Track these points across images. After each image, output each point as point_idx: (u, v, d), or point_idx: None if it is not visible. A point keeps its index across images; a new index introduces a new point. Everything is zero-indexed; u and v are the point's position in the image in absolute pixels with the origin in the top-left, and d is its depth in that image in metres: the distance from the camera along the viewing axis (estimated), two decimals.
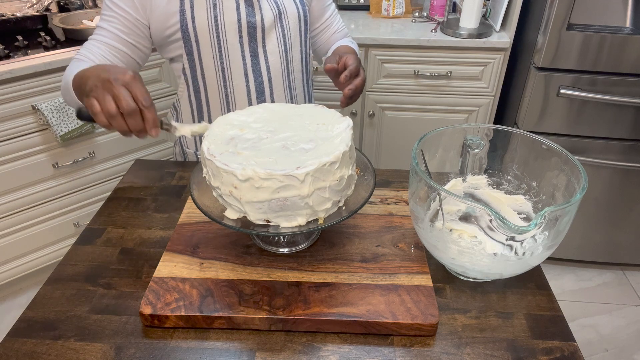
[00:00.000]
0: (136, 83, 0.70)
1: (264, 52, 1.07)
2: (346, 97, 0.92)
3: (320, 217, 0.73)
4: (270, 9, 1.04)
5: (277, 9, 1.05)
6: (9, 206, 1.71)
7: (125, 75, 0.70)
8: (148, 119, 0.71)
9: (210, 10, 1.00)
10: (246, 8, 1.02)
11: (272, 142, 0.75)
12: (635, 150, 1.76)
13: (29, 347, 0.68)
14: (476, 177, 0.88)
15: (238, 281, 0.75)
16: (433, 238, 0.74)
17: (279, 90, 1.12)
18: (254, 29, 1.04)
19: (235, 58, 1.05)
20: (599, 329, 1.83)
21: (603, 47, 1.59)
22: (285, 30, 1.08)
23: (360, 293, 0.73)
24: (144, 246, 0.86)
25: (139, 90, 0.70)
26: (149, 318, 0.70)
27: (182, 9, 0.99)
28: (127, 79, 0.70)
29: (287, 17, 1.07)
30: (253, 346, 0.68)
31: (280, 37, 1.07)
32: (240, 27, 1.03)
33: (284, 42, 1.08)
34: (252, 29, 1.04)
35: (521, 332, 0.71)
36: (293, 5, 1.08)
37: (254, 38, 1.05)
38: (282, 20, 1.07)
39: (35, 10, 1.98)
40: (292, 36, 1.09)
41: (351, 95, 0.93)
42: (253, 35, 1.05)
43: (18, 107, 1.58)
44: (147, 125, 0.72)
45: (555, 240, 0.70)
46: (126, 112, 0.69)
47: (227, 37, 1.02)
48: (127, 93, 0.69)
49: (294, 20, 1.08)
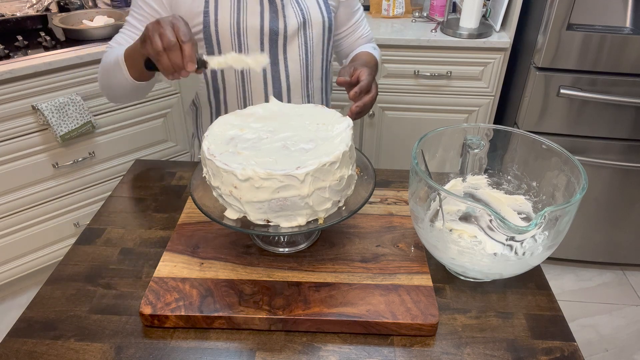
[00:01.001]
0: (179, 21, 0.76)
1: (285, 59, 1.06)
2: (353, 113, 0.91)
3: (320, 217, 0.73)
4: (295, 16, 1.03)
5: (302, 17, 1.04)
6: (9, 206, 1.71)
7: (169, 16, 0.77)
8: (185, 53, 0.75)
9: (234, 13, 1.00)
10: (270, 14, 1.01)
11: (272, 142, 0.75)
12: (635, 150, 1.76)
13: (29, 347, 0.68)
14: (476, 177, 0.88)
15: (238, 281, 0.75)
16: (433, 238, 0.74)
17: (296, 98, 1.11)
18: (276, 35, 1.03)
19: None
20: (599, 329, 1.83)
21: (603, 47, 1.59)
22: (308, 39, 1.07)
23: (360, 293, 0.73)
24: (144, 246, 0.86)
25: (181, 27, 0.75)
26: (149, 318, 0.70)
27: (206, 10, 1.00)
28: (171, 18, 0.77)
29: (312, 26, 1.06)
30: (253, 346, 0.68)
31: (302, 45, 1.07)
32: (262, 32, 1.02)
33: (305, 50, 1.07)
34: (273, 36, 1.03)
35: (521, 332, 0.71)
36: (318, 13, 1.07)
37: (275, 44, 1.04)
38: (305, 29, 1.06)
39: (35, 10, 1.98)
40: (314, 45, 1.08)
41: (358, 112, 0.92)
42: (274, 42, 1.04)
43: (18, 107, 1.58)
44: (184, 60, 0.76)
45: (555, 240, 0.70)
46: (167, 47, 0.75)
47: (248, 41, 1.02)
48: (171, 30, 0.75)
49: (318, 29, 1.07)
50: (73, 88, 1.67)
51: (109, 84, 1.00)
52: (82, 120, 1.68)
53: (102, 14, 1.93)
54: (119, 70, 0.93)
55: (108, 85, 1.00)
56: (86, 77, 1.68)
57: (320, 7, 1.07)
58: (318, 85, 1.14)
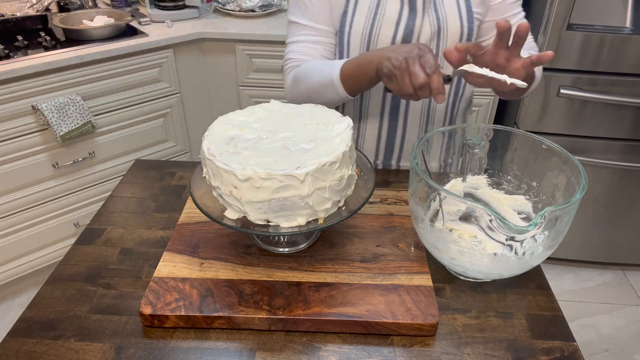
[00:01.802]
0: (424, 52, 0.76)
1: None
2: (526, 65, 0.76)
3: (320, 217, 0.73)
4: (429, 25, 0.96)
5: (438, 25, 0.97)
6: (9, 206, 1.71)
7: (419, 50, 0.77)
8: (433, 87, 0.76)
9: (369, 19, 0.97)
10: (406, 22, 0.96)
11: (272, 142, 0.75)
12: (635, 150, 1.76)
13: (29, 347, 0.68)
14: (476, 177, 0.88)
15: (238, 281, 0.75)
16: (433, 238, 0.74)
17: (414, 111, 1.05)
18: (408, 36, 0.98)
19: None
20: (599, 329, 1.83)
21: (603, 47, 1.59)
22: (440, 50, 0.99)
23: (360, 293, 0.73)
24: (144, 246, 0.86)
25: (427, 59, 0.76)
26: (149, 318, 0.70)
27: (345, 10, 0.97)
28: (416, 51, 0.77)
29: (447, 35, 0.98)
30: (253, 346, 0.68)
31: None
32: (393, 42, 0.97)
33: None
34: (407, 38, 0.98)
35: (521, 332, 0.71)
36: (457, 22, 0.98)
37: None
38: (439, 39, 0.98)
39: (35, 10, 1.98)
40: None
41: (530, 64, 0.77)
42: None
43: (18, 107, 1.58)
44: (432, 93, 0.77)
45: (555, 240, 0.70)
46: (417, 87, 0.76)
47: (377, 47, 0.99)
48: (420, 68, 0.75)
49: (453, 39, 0.99)
50: (73, 88, 1.67)
51: (313, 98, 0.97)
52: (82, 120, 1.68)
53: (102, 14, 1.93)
54: (331, 89, 0.93)
55: (312, 99, 0.97)
56: (86, 77, 1.68)
57: (460, 16, 0.98)
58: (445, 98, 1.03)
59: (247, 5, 2.06)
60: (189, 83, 1.99)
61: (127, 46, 1.72)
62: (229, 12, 2.07)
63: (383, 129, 1.09)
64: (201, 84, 2.03)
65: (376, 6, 0.97)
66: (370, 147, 1.12)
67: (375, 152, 1.12)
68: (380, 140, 1.11)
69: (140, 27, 1.90)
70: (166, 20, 1.95)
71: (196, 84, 2.02)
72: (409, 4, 0.96)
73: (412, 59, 0.76)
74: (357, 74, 0.88)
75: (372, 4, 0.97)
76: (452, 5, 0.97)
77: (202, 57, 1.97)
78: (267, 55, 1.93)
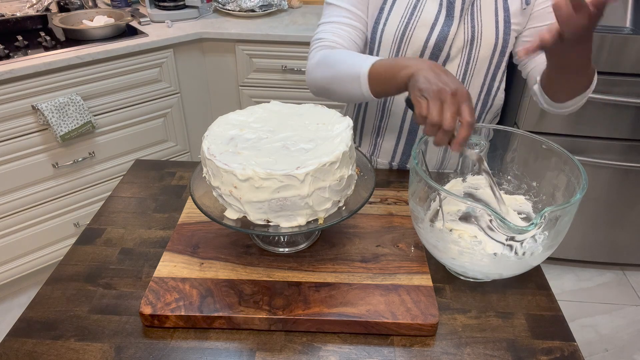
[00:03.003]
0: (468, 102, 0.69)
1: None
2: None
3: (320, 217, 0.73)
4: (464, 32, 0.94)
5: (472, 34, 0.94)
6: (9, 206, 1.71)
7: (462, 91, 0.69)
8: (459, 136, 0.70)
9: (404, 19, 0.95)
10: (442, 28, 0.93)
11: (272, 142, 0.75)
12: (635, 150, 1.76)
13: (29, 347, 0.68)
14: (476, 177, 0.88)
15: (238, 281, 0.75)
16: (433, 238, 0.74)
17: None
18: (439, 51, 0.96)
19: None
20: (599, 329, 1.83)
21: (603, 47, 1.59)
22: (471, 59, 0.96)
23: (360, 293, 0.73)
24: (144, 246, 0.86)
25: (467, 110, 0.69)
26: (149, 318, 0.70)
27: (382, 6, 0.96)
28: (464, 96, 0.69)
29: (480, 45, 0.95)
30: (253, 346, 0.68)
31: (462, 64, 0.97)
32: (425, 46, 0.95)
33: (464, 70, 0.97)
34: (436, 51, 0.96)
35: (521, 332, 0.71)
36: (493, 32, 0.94)
37: (434, 59, 0.96)
38: (472, 47, 0.95)
39: (35, 10, 1.98)
40: (476, 66, 0.97)
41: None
42: (434, 57, 0.96)
43: (18, 107, 1.58)
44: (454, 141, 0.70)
45: (555, 240, 0.70)
46: (445, 128, 0.69)
47: (406, 51, 0.97)
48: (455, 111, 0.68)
49: (486, 49, 0.96)
50: (73, 88, 1.67)
51: (331, 88, 0.93)
52: (82, 120, 1.68)
53: (102, 14, 1.93)
54: (356, 83, 0.86)
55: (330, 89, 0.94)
56: (86, 77, 1.68)
57: (497, 26, 0.94)
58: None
59: (247, 5, 2.06)
60: (189, 83, 1.99)
61: (127, 46, 1.72)
62: (229, 12, 2.07)
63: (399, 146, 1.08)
64: (201, 84, 2.03)
65: (413, 7, 0.95)
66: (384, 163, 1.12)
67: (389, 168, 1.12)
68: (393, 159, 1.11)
69: (140, 27, 1.90)
70: (166, 20, 1.95)
71: (196, 84, 2.02)
72: (446, 9, 0.93)
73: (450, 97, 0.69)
74: (387, 76, 0.82)
75: (409, 4, 0.95)
76: (489, 15, 0.94)
77: (202, 57, 1.97)
78: (267, 55, 1.93)
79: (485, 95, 1.03)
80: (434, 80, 0.71)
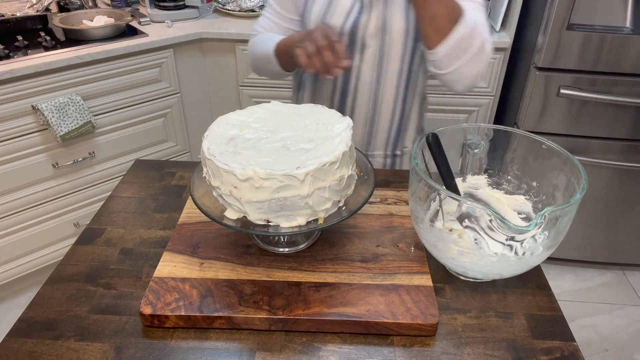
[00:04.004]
0: (327, 28, 0.85)
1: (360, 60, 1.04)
2: None
3: (320, 217, 0.73)
4: (376, 20, 1.00)
5: (383, 22, 1.00)
6: (9, 206, 1.71)
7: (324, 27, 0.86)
8: (337, 51, 0.83)
9: (324, 6, 1.02)
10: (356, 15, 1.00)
11: (272, 142, 0.75)
12: (635, 150, 1.76)
13: (29, 347, 0.68)
14: (476, 177, 0.88)
15: (238, 281, 0.75)
16: (433, 238, 0.74)
17: (362, 101, 1.09)
18: (354, 37, 1.02)
19: None
20: (599, 329, 1.83)
21: (603, 47, 1.59)
22: (385, 45, 1.02)
23: (360, 293, 0.73)
24: (144, 246, 0.86)
25: (330, 31, 0.84)
26: (149, 318, 0.70)
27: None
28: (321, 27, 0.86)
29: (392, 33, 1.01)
30: (253, 346, 0.68)
31: (377, 50, 1.03)
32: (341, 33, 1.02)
33: (380, 55, 1.03)
34: (352, 37, 1.02)
35: (521, 332, 0.71)
36: (403, 20, 1.00)
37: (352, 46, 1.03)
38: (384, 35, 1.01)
39: (35, 10, 1.98)
40: (392, 52, 1.03)
41: None
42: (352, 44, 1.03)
43: (18, 107, 1.58)
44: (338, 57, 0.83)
45: (555, 240, 0.70)
46: (321, 47, 0.83)
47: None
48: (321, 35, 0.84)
49: (398, 37, 1.01)
50: (73, 88, 1.67)
51: (260, 68, 1.12)
52: (82, 120, 1.68)
53: (102, 14, 1.93)
54: (271, 63, 1.04)
55: (260, 69, 1.13)
56: (86, 77, 1.68)
57: (407, 14, 1.00)
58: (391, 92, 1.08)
59: (247, 5, 2.06)
60: (189, 83, 1.99)
61: (127, 46, 1.72)
62: (229, 12, 2.07)
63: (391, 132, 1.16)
64: (201, 84, 2.03)
65: None
66: None
67: None
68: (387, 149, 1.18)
69: (140, 27, 1.90)
70: (166, 20, 1.95)
71: (196, 84, 2.02)
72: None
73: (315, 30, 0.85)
74: (285, 51, 0.98)
75: None
76: (400, 4, 1.00)
77: (202, 57, 1.97)
78: None
79: (407, 78, 1.09)
80: (305, 35, 0.87)
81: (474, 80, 0.97)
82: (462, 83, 0.97)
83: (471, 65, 0.93)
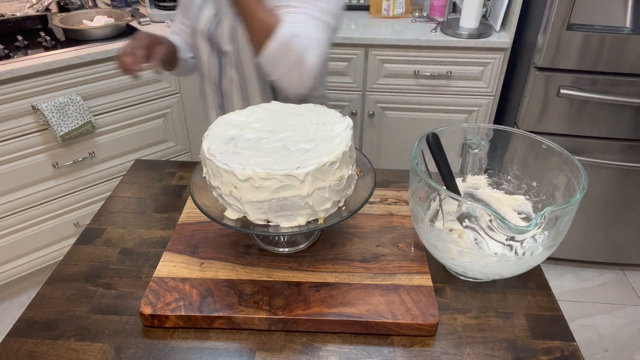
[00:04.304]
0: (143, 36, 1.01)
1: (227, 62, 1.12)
2: None
3: (320, 217, 0.73)
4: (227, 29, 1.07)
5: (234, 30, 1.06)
6: (9, 206, 1.71)
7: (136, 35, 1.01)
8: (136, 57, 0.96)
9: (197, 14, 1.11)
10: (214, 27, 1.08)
11: (272, 142, 0.75)
12: (635, 150, 1.76)
13: (29, 347, 0.68)
14: (476, 177, 0.88)
15: (238, 281, 0.75)
16: (433, 238, 0.74)
17: (237, 100, 1.16)
18: (214, 43, 1.11)
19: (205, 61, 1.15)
20: (599, 329, 1.83)
21: (603, 47, 1.59)
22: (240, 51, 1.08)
23: (360, 293, 0.73)
24: (144, 246, 0.86)
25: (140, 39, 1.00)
26: (149, 318, 0.70)
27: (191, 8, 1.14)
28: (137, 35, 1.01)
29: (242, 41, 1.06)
30: (253, 346, 0.68)
31: (235, 55, 1.09)
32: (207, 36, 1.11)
33: (238, 60, 1.10)
34: (215, 39, 1.10)
35: (521, 332, 0.71)
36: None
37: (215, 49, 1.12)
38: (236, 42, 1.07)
39: (35, 10, 1.98)
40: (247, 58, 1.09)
41: None
42: (215, 48, 1.12)
43: (18, 107, 1.58)
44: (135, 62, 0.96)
45: (555, 240, 0.70)
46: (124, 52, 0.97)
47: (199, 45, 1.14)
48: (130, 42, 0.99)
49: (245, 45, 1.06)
50: (73, 88, 1.67)
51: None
52: (82, 120, 1.68)
53: (102, 14, 1.93)
54: None
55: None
56: (86, 77, 1.68)
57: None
58: (258, 94, 1.14)
59: None
60: (189, 83, 1.99)
61: None
62: None
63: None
64: None
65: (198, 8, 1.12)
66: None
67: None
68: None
69: (140, 27, 1.90)
70: (166, 20, 1.95)
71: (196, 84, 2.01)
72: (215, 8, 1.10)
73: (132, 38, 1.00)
74: None
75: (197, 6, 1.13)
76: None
77: None
78: None
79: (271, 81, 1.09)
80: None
81: (299, 88, 0.99)
82: (290, 89, 1.00)
83: (291, 74, 0.96)
